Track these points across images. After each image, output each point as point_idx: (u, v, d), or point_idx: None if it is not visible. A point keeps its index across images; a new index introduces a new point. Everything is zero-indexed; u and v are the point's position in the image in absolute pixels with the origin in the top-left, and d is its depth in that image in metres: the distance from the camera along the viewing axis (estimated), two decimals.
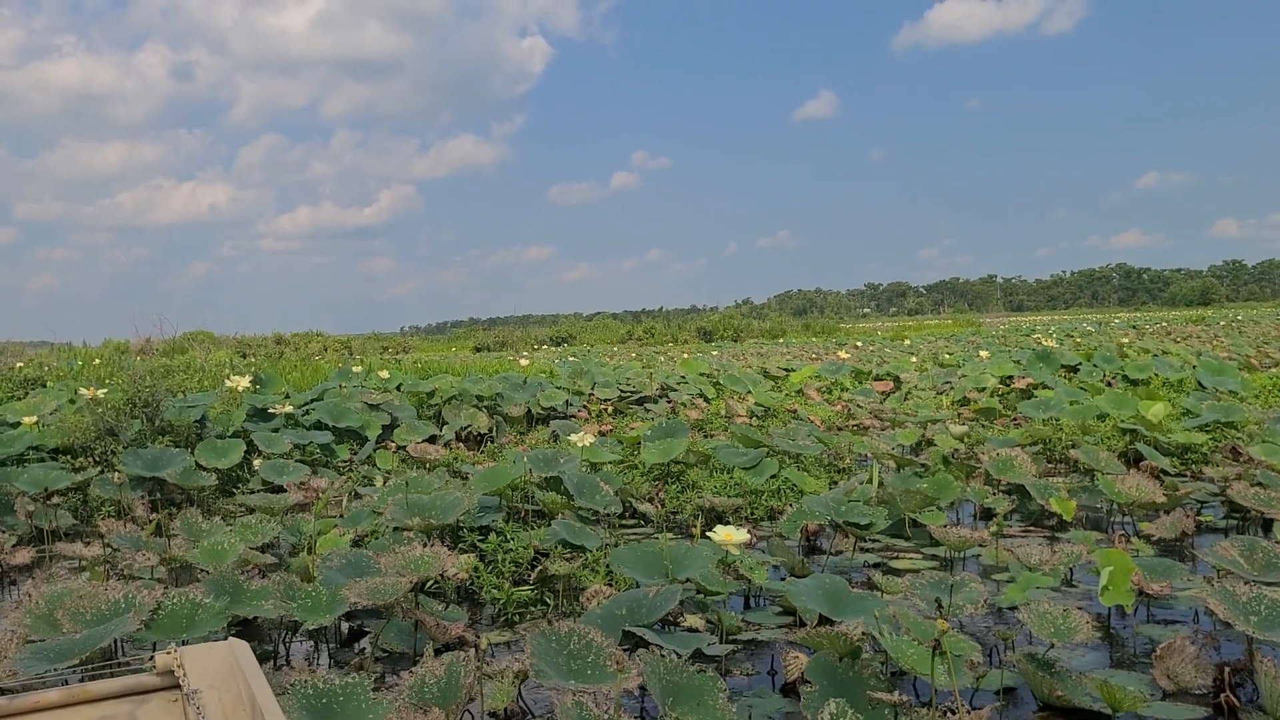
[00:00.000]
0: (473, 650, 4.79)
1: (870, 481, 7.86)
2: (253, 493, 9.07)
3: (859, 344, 36.17)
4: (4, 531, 7.61)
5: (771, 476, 8.08)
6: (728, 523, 7.50)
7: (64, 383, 14.76)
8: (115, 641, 4.58)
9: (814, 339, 46.58)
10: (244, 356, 25.00)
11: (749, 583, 5.55)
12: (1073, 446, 9.28)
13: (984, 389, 15.40)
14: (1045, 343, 28.25)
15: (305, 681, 3.73)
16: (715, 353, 31.43)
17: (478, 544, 6.24)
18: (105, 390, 10.46)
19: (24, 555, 6.73)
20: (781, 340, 45.59)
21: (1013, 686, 4.29)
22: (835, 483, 8.34)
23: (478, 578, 5.66)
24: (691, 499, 7.94)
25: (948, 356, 24.33)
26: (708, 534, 4.51)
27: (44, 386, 14.81)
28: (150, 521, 7.47)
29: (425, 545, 5.33)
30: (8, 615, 5.08)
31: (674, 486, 8.34)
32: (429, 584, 5.60)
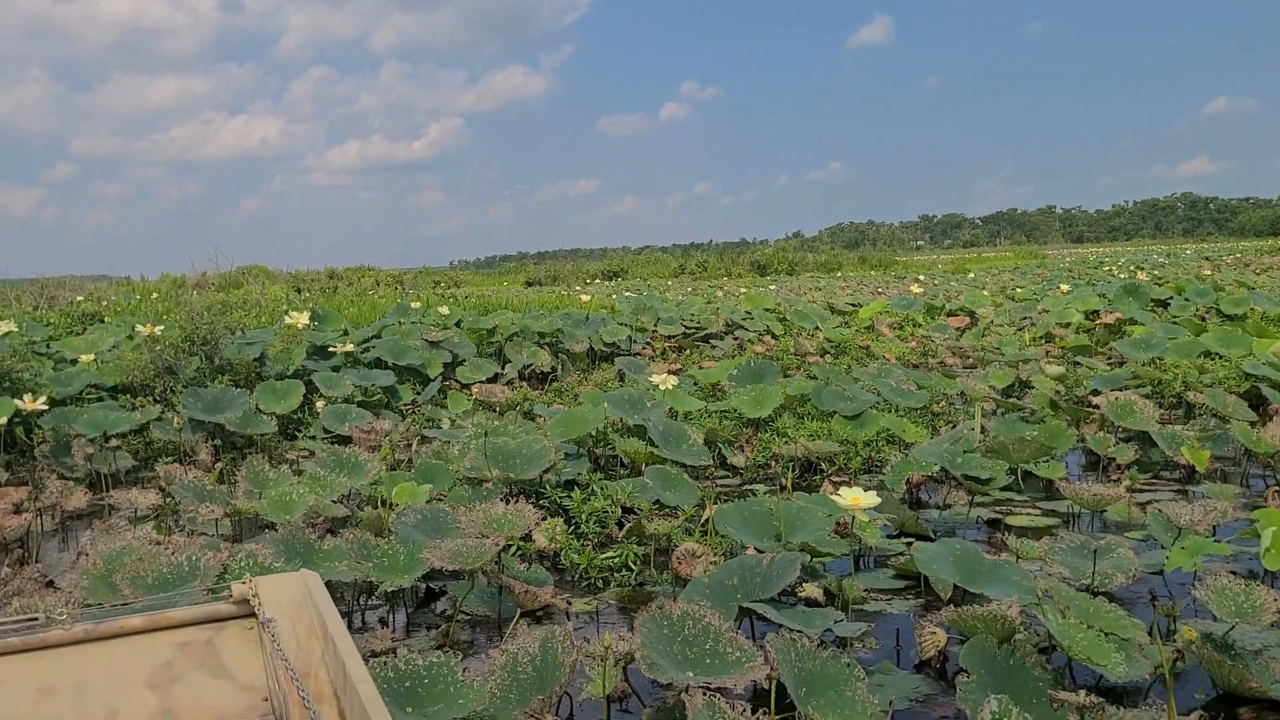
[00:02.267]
0: (567, 623, 4.37)
1: (976, 428, 7.30)
2: (313, 438, 8.73)
3: (920, 278, 35.11)
4: (62, 476, 7.34)
5: (879, 427, 7.51)
6: (821, 472, 6.99)
7: (122, 318, 14.58)
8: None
9: (871, 272, 45.50)
10: (298, 291, 24.78)
11: (858, 542, 5.05)
12: (1186, 388, 8.60)
13: (1068, 324, 14.63)
14: (1120, 275, 27.11)
15: (385, 662, 3.31)
16: (773, 287, 30.63)
17: (561, 501, 5.79)
18: (163, 327, 10.16)
19: (80, 499, 6.42)
20: (839, 274, 44.55)
21: (1179, 670, 3.76)
22: (935, 430, 7.76)
23: (559, 539, 5.22)
24: (775, 445, 7.43)
25: (1019, 290, 23.39)
26: (833, 495, 3.99)
27: (102, 322, 14.64)
28: (213, 468, 7.15)
29: (508, 502, 4.89)
30: (65, 574, 4.75)
31: (764, 434, 7.83)
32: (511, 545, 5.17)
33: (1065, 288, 18.27)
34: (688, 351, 13.51)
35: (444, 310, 12.83)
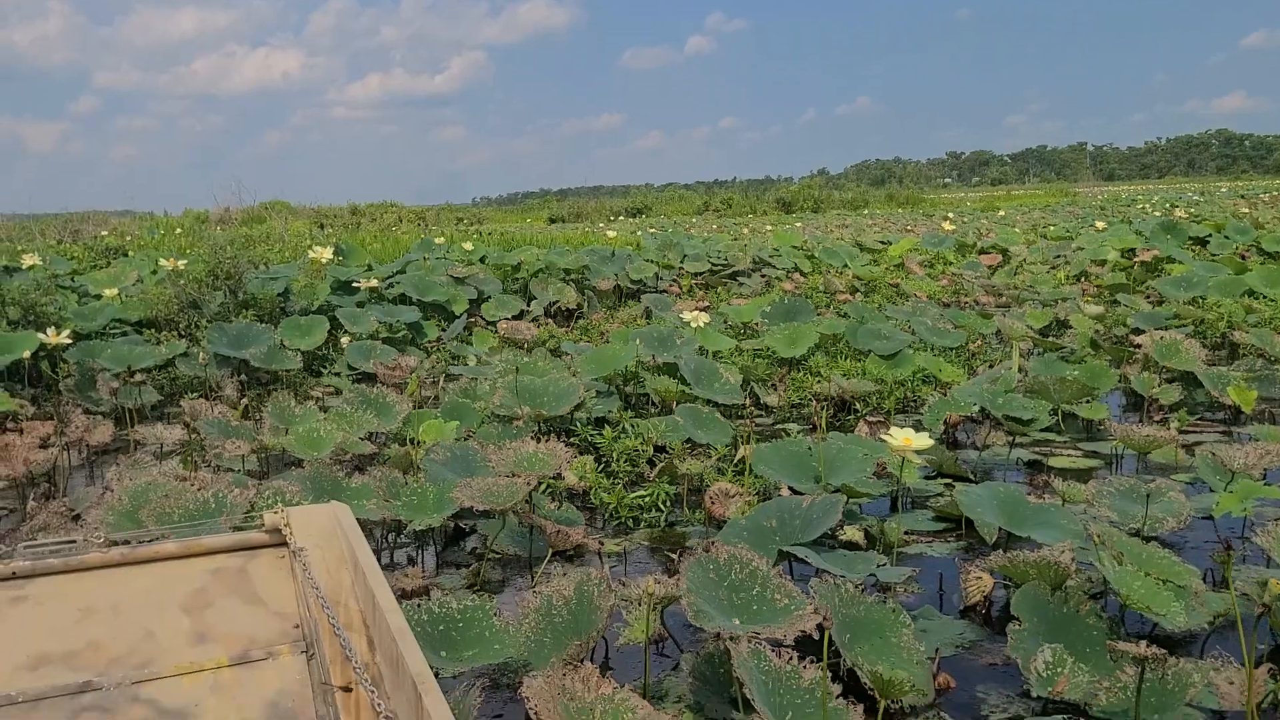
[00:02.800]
0: (601, 565, 4.28)
1: (1014, 368, 7.12)
2: (337, 374, 8.66)
3: (950, 215, 34.56)
4: (88, 410, 7.30)
5: (915, 367, 7.34)
6: (855, 411, 6.85)
7: (145, 252, 14.50)
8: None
9: (899, 210, 44.88)
10: (321, 227, 24.61)
11: (895, 483, 4.92)
12: (1231, 328, 8.37)
13: (1104, 262, 14.30)
14: (1154, 212, 26.52)
15: (419, 605, 3.23)
16: (799, 224, 30.20)
17: (591, 439, 5.68)
18: (186, 261, 10.07)
19: (105, 433, 6.38)
20: (865, 212, 43.93)
21: (1232, 621, 3.62)
22: (972, 370, 7.58)
23: (589, 477, 5.11)
24: (810, 384, 7.29)
25: (1051, 229, 22.94)
26: (883, 436, 3.85)
27: (125, 256, 14.57)
28: (238, 404, 7.09)
29: (539, 440, 4.78)
30: (91, 509, 4.69)
31: (797, 373, 7.68)
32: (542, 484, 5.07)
33: (1100, 225, 17.85)
34: (715, 289, 13.31)
35: (468, 246, 12.66)
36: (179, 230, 21.46)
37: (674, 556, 4.39)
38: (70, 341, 7.82)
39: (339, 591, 2.41)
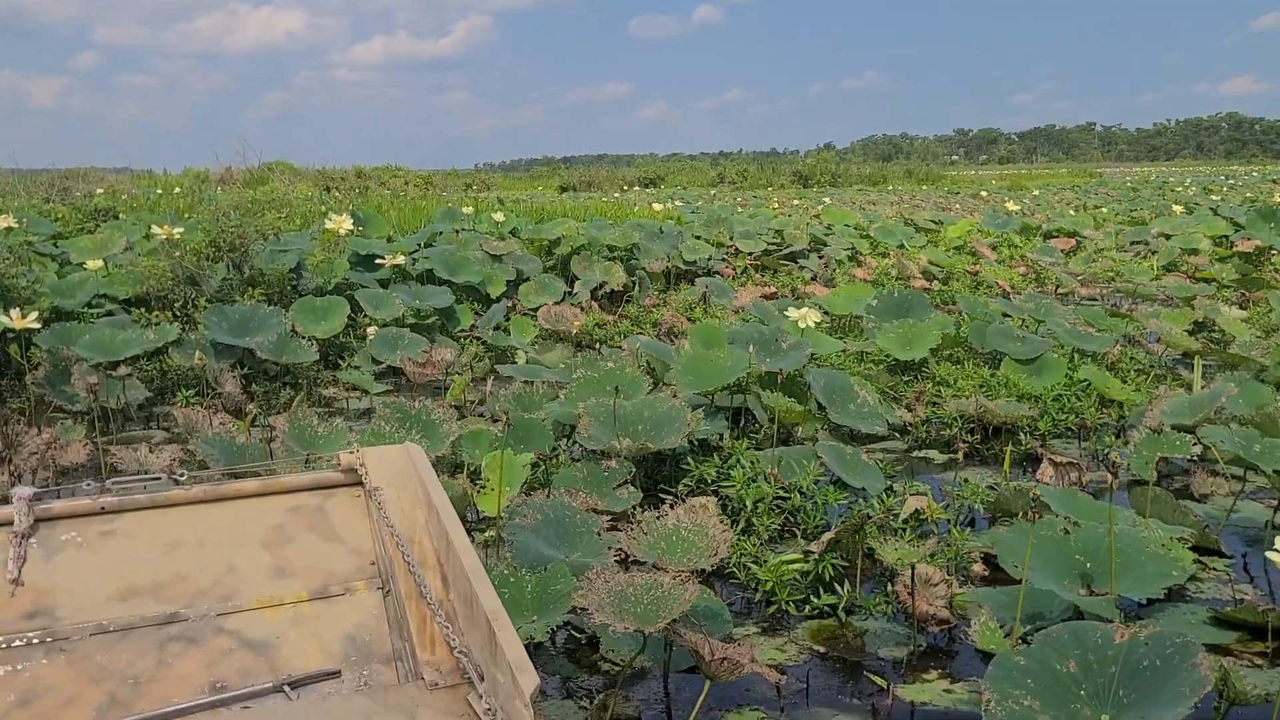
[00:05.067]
0: (780, 703, 2.97)
1: (1195, 387, 5.80)
2: (358, 368, 7.32)
3: (984, 193, 33.09)
4: (60, 409, 5.97)
5: (1065, 377, 6.01)
6: (1002, 433, 5.51)
7: (138, 214, 13.04)
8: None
9: (922, 186, 43.44)
10: (327, 190, 23.08)
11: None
12: None
13: (1195, 251, 12.96)
14: (1191, 195, 25.10)
15: None
16: (826, 199, 28.70)
17: (717, 482, 4.34)
18: (182, 229, 8.68)
19: (77, 452, 5.06)
20: (889, 188, 42.41)
21: None
22: (1138, 386, 6.23)
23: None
24: (943, 396, 5.97)
25: (1102, 210, 21.55)
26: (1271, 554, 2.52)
27: (116, 219, 13.14)
28: (244, 414, 5.75)
29: (636, 484, 3.45)
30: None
31: (917, 381, 6.38)
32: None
33: (1179, 209, 16.45)
34: (774, 271, 11.95)
35: (499, 217, 11.24)
36: (178, 190, 19.95)
37: (876, 681, 3.08)
38: (38, 326, 6.44)
39: (413, 530, 2.40)
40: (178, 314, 7.73)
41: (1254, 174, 50.11)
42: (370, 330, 7.25)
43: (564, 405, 5.06)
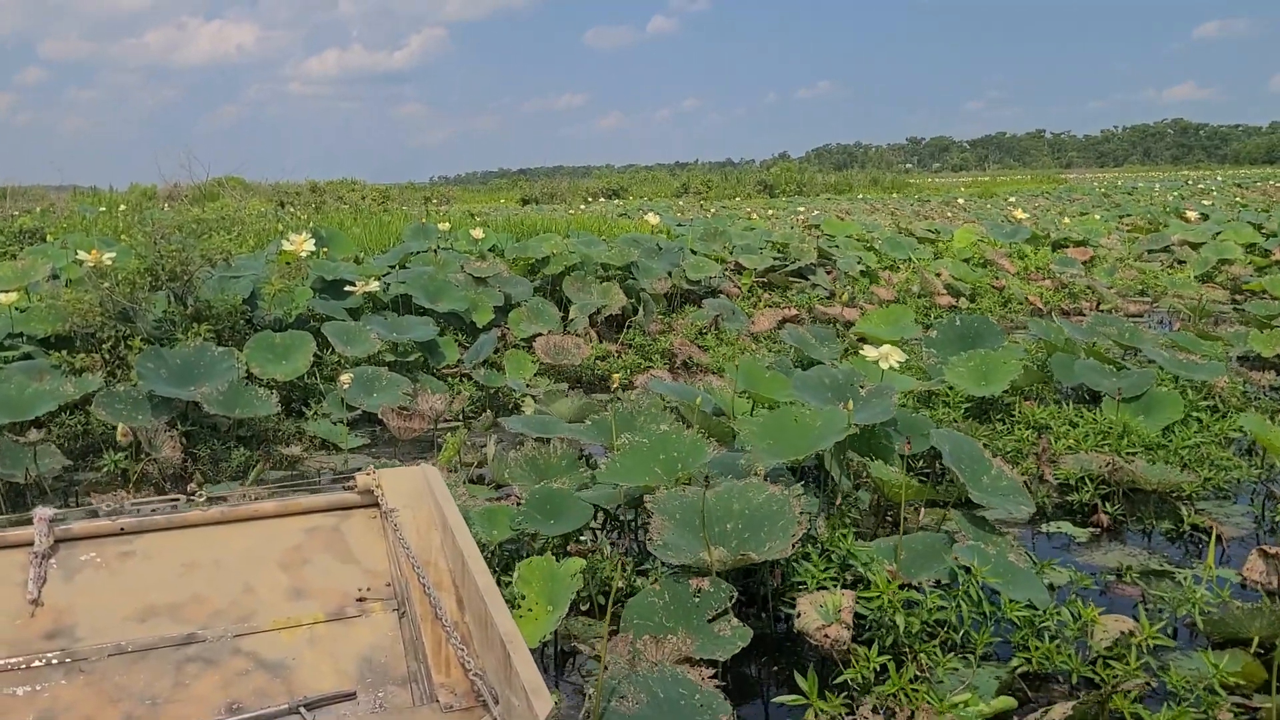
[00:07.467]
0: None
1: None
2: (327, 416, 6.10)
3: (960, 200, 32.34)
4: None
5: (1194, 420, 4.95)
6: (1172, 503, 4.42)
7: (70, 236, 11.64)
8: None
9: (892, 194, 42.78)
10: (281, 205, 21.62)
11: None
12: None
13: (1230, 261, 12.08)
14: (1162, 200, 24.44)
15: None
16: (800, 209, 27.76)
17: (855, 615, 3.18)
18: (114, 254, 7.38)
19: None
20: (858, 196, 41.67)
21: None
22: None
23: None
24: (1056, 449, 4.87)
25: (1095, 217, 20.76)
26: None
27: (44, 241, 11.74)
28: (196, 493, 4.50)
29: (739, 614, 2.29)
30: None
31: (998, 427, 5.29)
32: None
33: (1193, 215, 15.62)
34: (783, 289, 10.84)
35: (478, 234, 10.02)
36: (123, 207, 18.41)
37: None
38: None
39: (429, 551, 2.37)
40: (107, 357, 6.44)
41: (1217, 178, 50.09)
42: (345, 379, 6.01)
43: (604, 484, 3.90)
